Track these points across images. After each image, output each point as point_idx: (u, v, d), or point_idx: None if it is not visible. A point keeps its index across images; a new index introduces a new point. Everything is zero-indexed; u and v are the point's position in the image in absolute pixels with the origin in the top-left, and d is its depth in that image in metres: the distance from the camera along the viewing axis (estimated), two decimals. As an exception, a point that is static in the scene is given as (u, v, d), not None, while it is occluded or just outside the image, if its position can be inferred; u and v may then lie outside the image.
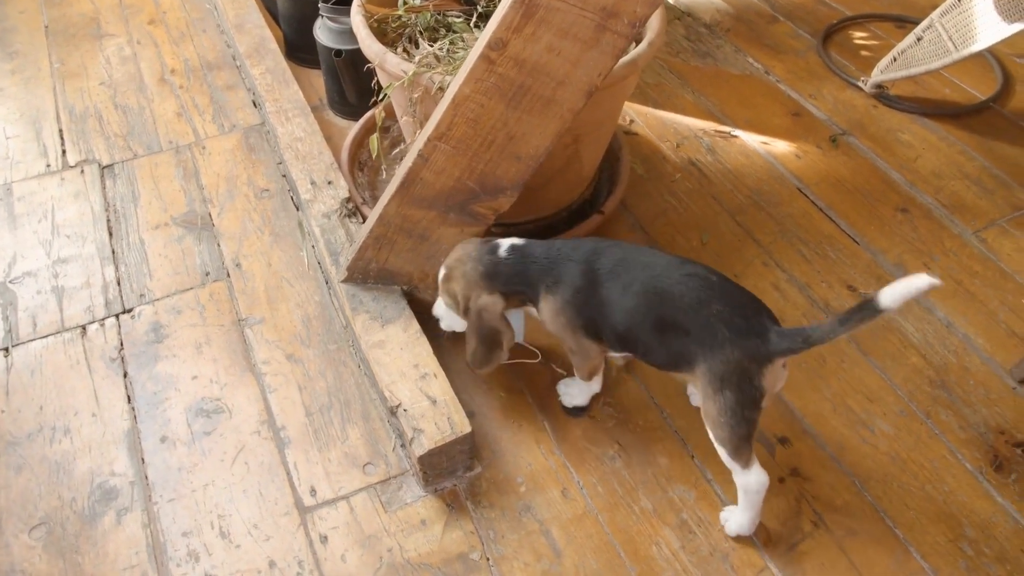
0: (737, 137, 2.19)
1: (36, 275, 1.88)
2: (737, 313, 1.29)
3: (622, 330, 1.38)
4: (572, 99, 1.40)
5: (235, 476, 1.54)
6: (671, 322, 1.32)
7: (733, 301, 1.30)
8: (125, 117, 2.27)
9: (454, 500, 1.51)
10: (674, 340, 1.33)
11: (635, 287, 1.35)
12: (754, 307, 1.31)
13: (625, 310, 1.36)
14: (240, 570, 1.42)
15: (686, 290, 1.31)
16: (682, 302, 1.31)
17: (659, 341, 1.35)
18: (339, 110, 2.25)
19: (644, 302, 1.34)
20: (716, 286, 1.32)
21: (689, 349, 1.31)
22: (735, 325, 1.28)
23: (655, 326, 1.34)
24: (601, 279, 1.38)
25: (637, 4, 1.25)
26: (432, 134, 1.45)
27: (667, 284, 1.33)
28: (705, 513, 1.49)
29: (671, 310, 1.32)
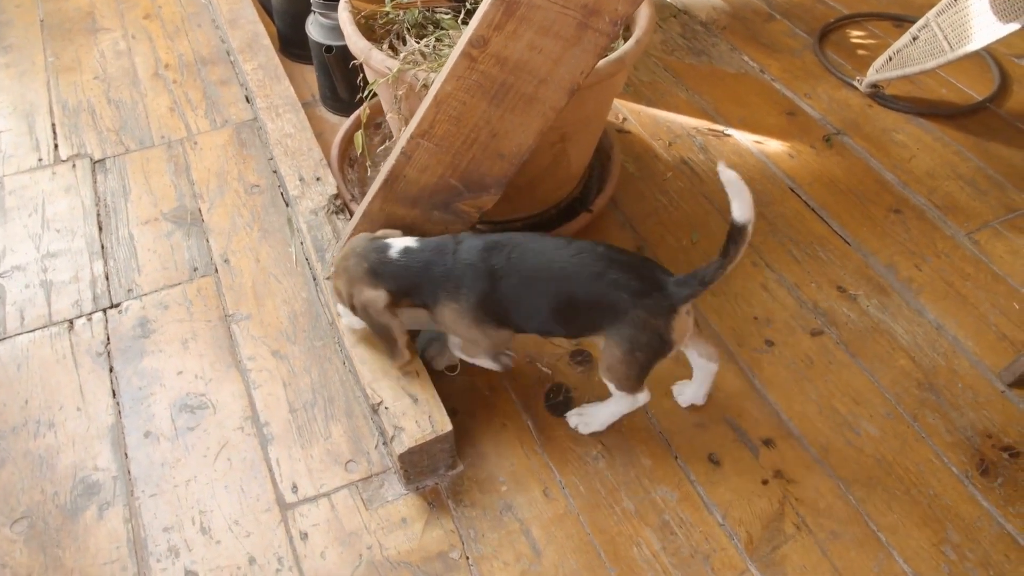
0: (730, 136, 2.18)
1: (25, 269, 1.89)
2: (633, 276, 1.36)
3: (528, 318, 1.43)
4: (555, 97, 1.39)
5: (217, 472, 1.54)
6: (574, 300, 1.39)
7: (625, 266, 1.37)
8: (118, 112, 2.28)
9: (435, 498, 1.51)
10: (580, 315, 1.41)
11: (534, 276, 1.40)
12: (646, 266, 1.40)
13: (530, 300, 1.41)
14: (220, 566, 1.42)
15: (580, 267, 1.38)
16: (580, 279, 1.38)
17: (566, 319, 1.42)
18: (331, 106, 2.24)
19: (545, 288, 1.40)
20: (606, 256, 1.38)
21: (595, 320, 1.40)
22: (633, 287, 1.35)
23: (560, 307, 1.41)
24: (501, 276, 1.40)
25: (619, 2, 1.24)
26: (415, 131, 1.44)
27: (562, 266, 1.38)
28: (687, 514, 1.48)
29: (571, 289, 1.39)
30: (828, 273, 1.85)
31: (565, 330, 1.46)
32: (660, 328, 1.37)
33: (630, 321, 1.36)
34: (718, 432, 1.59)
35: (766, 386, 1.66)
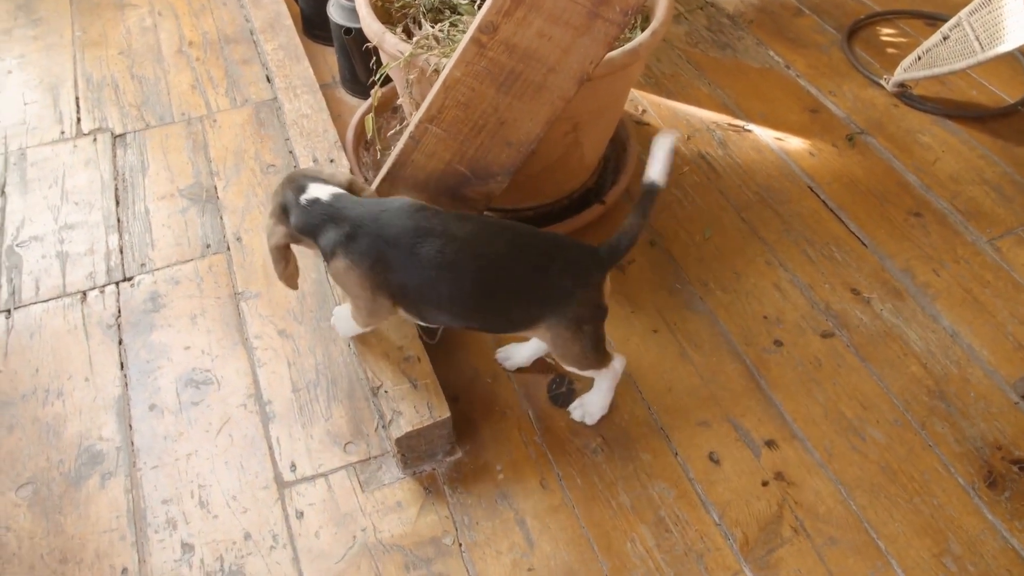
0: (751, 132, 2.15)
1: (42, 240, 1.91)
2: (573, 261, 1.37)
3: (441, 310, 1.40)
4: (563, 86, 1.37)
5: (218, 447, 1.56)
6: (513, 294, 1.37)
7: (566, 252, 1.37)
8: (141, 87, 2.30)
9: (432, 484, 1.51)
10: (516, 308, 1.38)
11: (467, 273, 1.35)
12: (578, 245, 1.39)
13: (459, 294, 1.37)
14: (216, 540, 1.44)
15: (527, 259, 1.36)
16: (525, 272, 1.36)
17: (498, 312, 1.40)
18: (351, 88, 2.24)
19: (478, 286, 1.36)
20: (549, 247, 1.37)
21: (535, 312, 1.38)
22: (575, 272, 1.36)
23: (495, 303, 1.39)
24: (423, 263, 1.34)
25: (627, -9, 1.22)
26: (423, 116, 1.44)
27: (506, 261, 1.36)
28: (683, 512, 1.47)
29: (515, 283, 1.36)
30: (843, 275, 1.82)
31: (495, 324, 1.45)
32: (597, 298, 1.39)
33: (575, 303, 1.37)
34: (720, 431, 1.57)
35: (772, 386, 1.64)
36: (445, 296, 1.36)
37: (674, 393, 1.63)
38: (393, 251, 1.34)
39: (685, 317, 1.75)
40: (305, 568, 1.40)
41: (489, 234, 1.37)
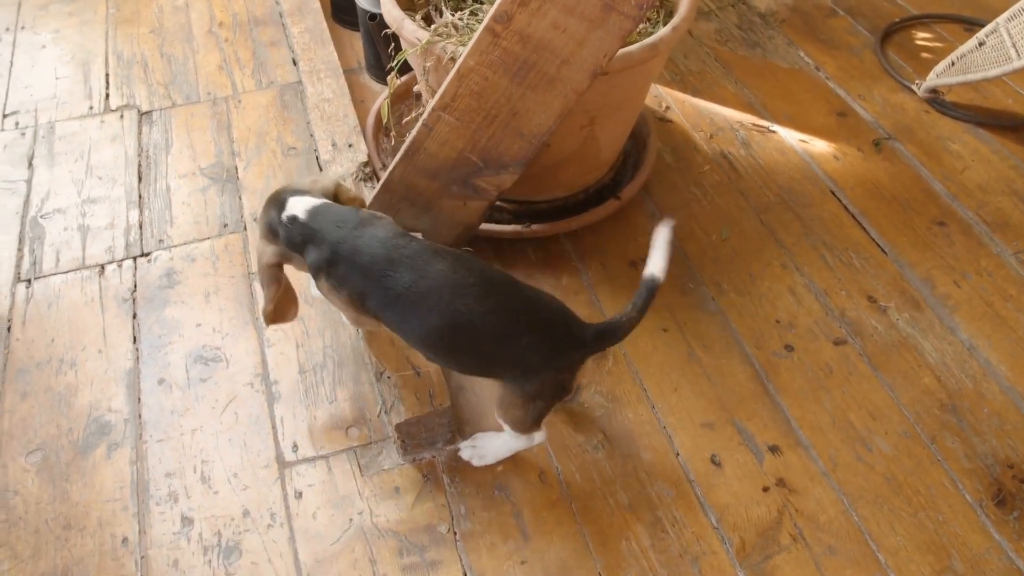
0: (775, 132, 2.11)
1: (65, 212, 1.95)
2: (547, 337, 1.28)
3: (420, 343, 1.34)
4: (577, 79, 1.36)
5: (223, 424, 1.58)
6: (475, 351, 1.30)
7: (542, 327, 1.28)
8: (169, 66, 2.32)
9: (431, 472, 1.51)
10: (476, 361, 1.33)
11: (434, 317, 1.27)
12: (562, 320, 1.30)
13: (424, 333, 1.30)
14: (215, 515, 1.46)
15: (493, 324, 1.26)
16: (487, 337, 1.27)
17: (458, 362, 1.35)
18: (375, 74, 2.25)
19: (447, 334, 1.29)
20: (522, 315, 1.27)
21: (495, 371, 1.33)
22: (546, 351, 1.28)
23: (453, 351, 1.32)
24: (393, 295, 1.29)
25: (643, -16, 1.21)
26: (437, 104, 1.44)
27: (471, 318, 1.26)
28: (681, 514, 1.45)
29: (474, 341, 1.28)
30: (860, 282, 1.79)
31: (460, 367, 1.39)
32: (566, 381, 1.33)
33: (536, 380, 1.30)
34: (724, 433, 1.56)
35: (780, 392, 1.61)
36: (415, 329, 1.31)
37: (680, 393, 1.62)
38: (367, 280, 1.30)
39: (696, 317, 1.73)
40: (301, 548, 1.42)
41: (462, 280, 1.27)
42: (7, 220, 1.93)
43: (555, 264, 1.83)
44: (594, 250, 1.86)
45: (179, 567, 1.40)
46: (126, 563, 1.41)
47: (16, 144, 2.11)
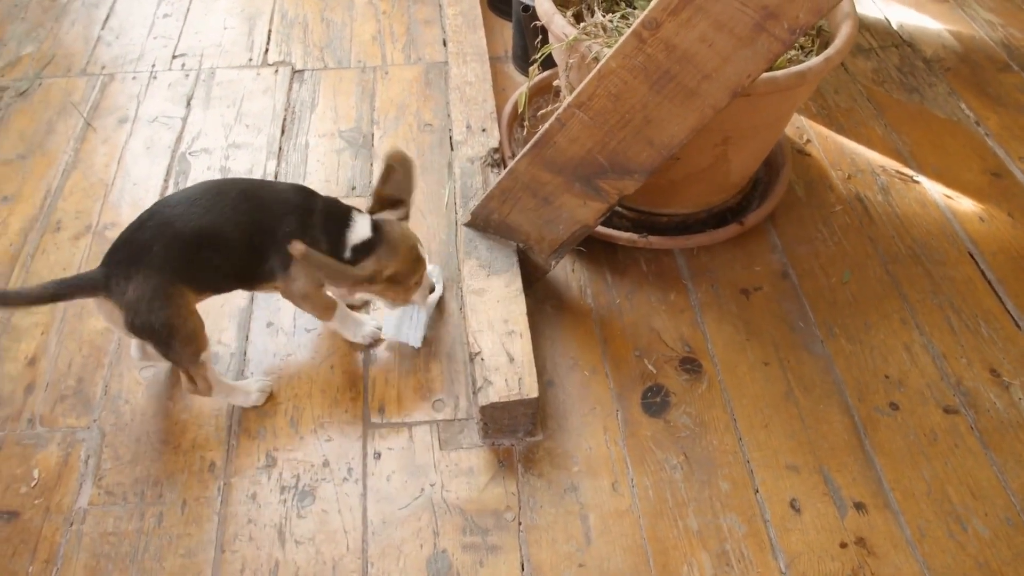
0: (919, 183, 2.01)
1: (211, 153, 2.07)
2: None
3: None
4: (716, 95, 1.34)
5: (319, 375, 1.64)
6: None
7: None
8: (327, 30, 2.43)
9: (507, 459, 1.53)
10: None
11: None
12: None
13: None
14: (297, 459, 1.52)
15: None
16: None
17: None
18: (520, 65, 2.28)
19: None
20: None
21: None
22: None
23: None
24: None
25: (801, 10, 1.18)
26: (573, 101, 1.44)
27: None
28: (750, 551, 1.42)
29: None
30: (984, 352, 1.69)
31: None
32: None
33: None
34: (809, 480, 1.50)
35: (876, 449, 1.54)
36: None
37: (770, 430, 1.57)
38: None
39: (801, 357, 1.68)
40: (370, 506, 1.46)
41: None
42: (160, 152, 2.07)
43: (665, 279, 1.81)
44: (706, 271, 1.83)
45: (256, 500, 1.47)
46: (210, 486, 1.49)
47: (179, 84, 2.26)
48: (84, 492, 1.48)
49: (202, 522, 1.45)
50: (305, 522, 1.45)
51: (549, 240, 1.66)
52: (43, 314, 1.74)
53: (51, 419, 1.58)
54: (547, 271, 1.73)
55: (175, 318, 1.38)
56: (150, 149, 2.08)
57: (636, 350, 1.69)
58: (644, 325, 1.73)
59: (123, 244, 1.37)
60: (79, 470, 1.51)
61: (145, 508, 1.46)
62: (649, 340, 1.71)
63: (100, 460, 1.52)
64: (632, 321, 1.74)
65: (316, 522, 1.44)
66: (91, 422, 1.58)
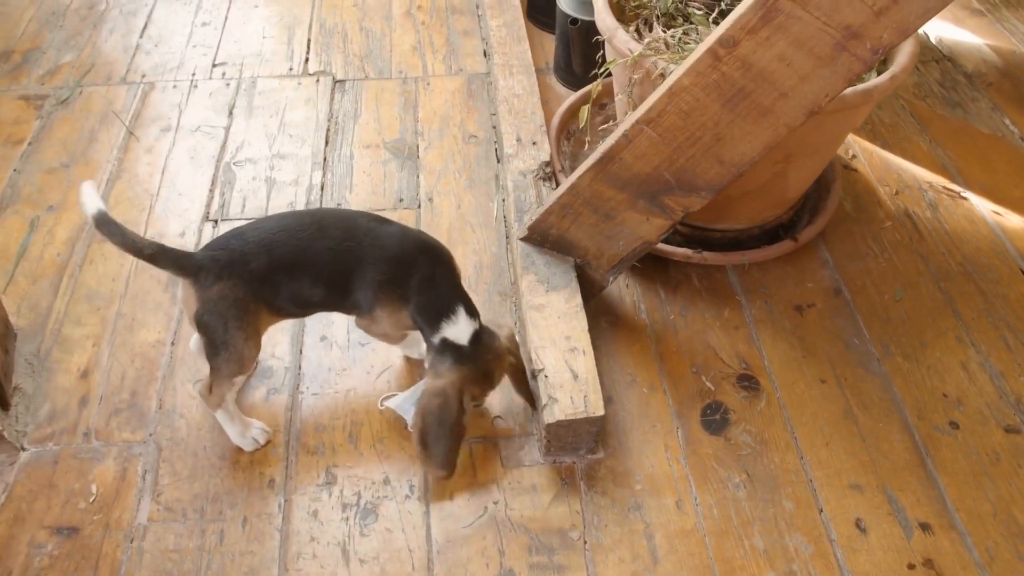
0: (966, 200, 2.01)
1: (256, 163, 2.06)
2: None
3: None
4: (791, 114, 1.34)
5: (375, 390, 1.63)
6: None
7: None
8: (366, 40, 2.42)
9: (569, 476, 1.52)
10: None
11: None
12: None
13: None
14: (358, 475, 1.51)
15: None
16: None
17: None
18: (562, 77, 2.28)
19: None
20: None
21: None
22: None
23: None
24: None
25: (885, 30, 1.17)
26: (641, 117, 1.44)
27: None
28: (817, 572, 1.41)
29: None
30: (1042, 370, 1.69)
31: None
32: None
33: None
34: (873, 500, 1.49)
35: (939, 469, 1.54)
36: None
37: (831, 449, 1.56)
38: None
39: (858, 375, 1.67)
40: (434, 524, 1.45)
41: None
42: (204, 161, 2.06)
43: (718, 295, 1.80)
44: (759, 287, 1.82)
45: (318, 517, 1.46)
46: (270, 503, 1.47)
47: (220, 93, 2.25)
48: (143, 508, 1.47)
49: (264, 539, 1.43)
50: (369, 540, 1.43)
51: (608, 256, 1.65)
52: (93, 326, 1.73)
53: (106, 433, 1.56)
54: (604, 287, 1.72)
55: (240, 333, 1.38)
56: (194, 159, 2.07)
57: (693, 367, 1.68)
58: (699, 341, 1.72)
59: (224, 247, 1.38)
60: (137, 485, 1.50)
61: (206, 525, 1.45)
62: (705, 357, 1.70)
63: (157, 475, 1.51)
64: (687, 337, 1.73)
65: (380, 540, 1.43)
66: (147, 436, 1.56)
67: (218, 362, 1.40)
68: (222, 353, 1.38)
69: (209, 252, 1.37)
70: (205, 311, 1.35)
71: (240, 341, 1.38)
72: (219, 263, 1.34)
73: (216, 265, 1.34)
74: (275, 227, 1.38)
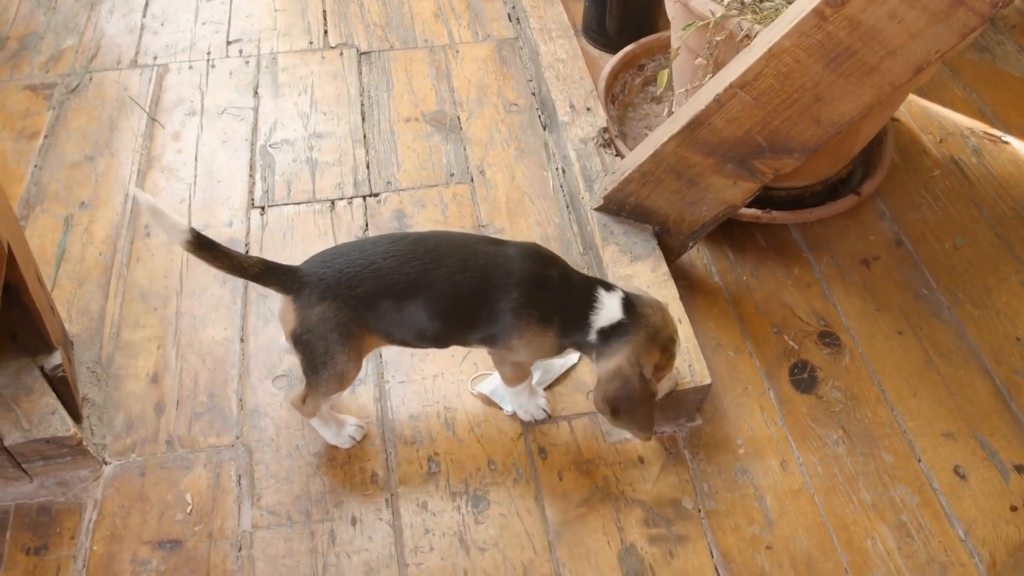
0: (1008, 144, 2.05)
1: (293, 144, 1.97)
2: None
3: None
4: (898, 72, 1.32)
5: (463, 374, 1.59)
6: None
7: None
8: (384, 8, 2.32)
9: (672, 446, 1.52)
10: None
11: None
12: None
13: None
14: (462, 461, 1.48)
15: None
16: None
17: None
18: (593, 39, 2.22)
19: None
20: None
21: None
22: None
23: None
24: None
25: (1024, -19, 1.16)
26: (736, 81, 1.41)
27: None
28: (926, 521, 1.44)
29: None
30: (1103, 308, 1.74)
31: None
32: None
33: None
34: (967, 446, 1.53)
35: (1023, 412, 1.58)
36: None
37: (919, 399, 1.59)
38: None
39: (932, 324, 1.70)
40: (548, 506, 1.43)
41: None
42: (238, 145, 1.96)
43: (785, 253, 1.81)
44: (823, 244, 1.83)
45: (428, 509, 1.43)
46: (377, 498, 1.44)
47: (241, 72, 2.14)
48: (244, 514, 1.42)
49: (377, 536, 1.40)
50: (484, 527, 1.41)
51: (689, 222, 1.63)
52: (153, 327, 1.65)
53: (190, 439, 1.50)
54: (682, 253, 1.71)
55: (340, 356, 1.30)
56: (226, 143, 1.97)
57: (773, 327, 1.69)
58: (775, 301, 1.73)
59: (329, 267, 1.28)
60: (233, 491, 1.44)
61: (314, 526, 1.41)
62: (783, 316, 1.71)
63: (253, 479, 1.46)
64: (763, 297, 1.73)
65: (496, 527, 1.41)
66: (234, 440, 1.50)
67: (316, 380, 1.34)
68: (321, 373, 1.31)
69: (313, 269, 1.28)
70: (304, 331, 1.27)
71: (341, 363, 1.31)
72: (323, 282, 1.25)
73: (320, 284, 1.25)
74: (385, 251, 1.27)
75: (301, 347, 1.31)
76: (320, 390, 1.36)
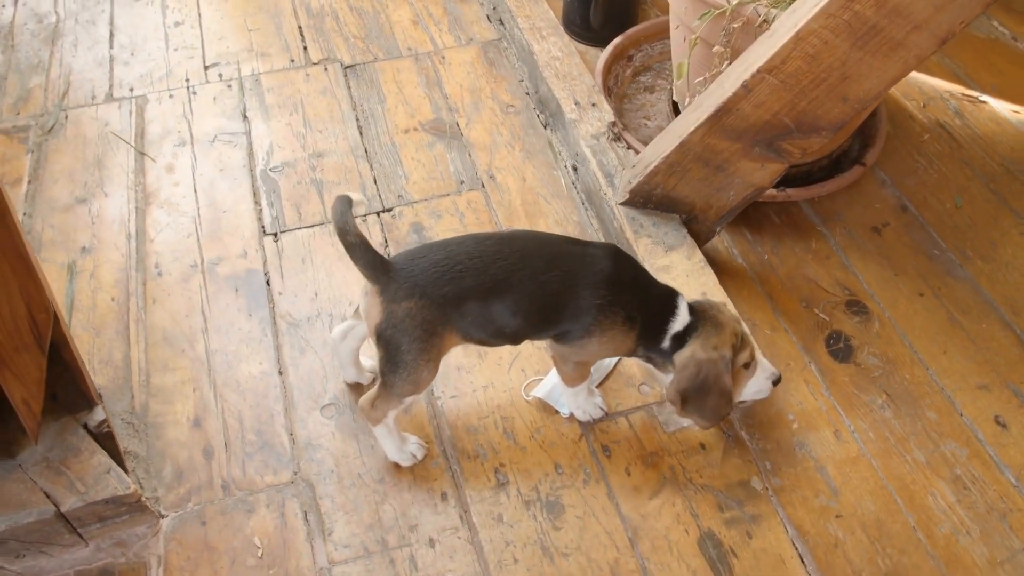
0: (986, 103, 2.14)
1: (295, 166, 1.92)
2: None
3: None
4: (924, 45, 1.37)
5: (513, 381, 1.58)
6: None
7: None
8: (361, 20, 2.28)
9: (729, 428, 1.54)
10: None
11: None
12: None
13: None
14: (527, 470, 1.47)
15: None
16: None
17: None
18: (576, 34, 2.23)
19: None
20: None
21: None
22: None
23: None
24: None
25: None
26: (763, 66, 1.43)
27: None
28: (979, 472, 1.50)
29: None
30: (1098, 251, 1.84)
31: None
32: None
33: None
34: (1002, 396, 1.60)
35: (1046, 356, 1.66)
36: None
37: (949, 356, 1.65)
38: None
39: (948, 283, 1.77)
40: (622, 503, 1.44)
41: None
42: (236, 172, 1.90)
43: (800, 229, 1.85)
44: (834, 216, 1.88)
45: (504, 521, 1.42)
46: (450, 516, 1.42)
47: (224, 96, 2.07)
48: (319, 551, 1.38)
49: (458, 555, 1.38)
50: (563, 533, 1.41)
51: (717, 207, 1.65)
52: (185, 369, 1.58)
53: (247, 481, 1.45)
54: (709, 239, 1.73)
55: (422, 356, 1.29)
56: (224, 171, 1.90)
57: (802, 301, 1.73)
58: (799, 276, 1.77)
59: (416, 264, 1.27)
60: (302, 529, 1.40)
61: (392, 554, 1.38)
62: (810, 289, 1.75)
63: (320, 514, 1.42)
64: (787, 274, 1.77)
65: (575, 530, 1.41)
66: (292, 476, 1.46)
67: (393, 379, 1.32)
68: (400, 371, 1.30)
69: (402, 265, 1.27)
70: (389, 325, 1.26)
71: (421, 363, 1.29)
72: (412, 278, 1.25)
73: (409, 280, 1.24)
74: (471, 251, 1.27)
75: (384, 343, 1.29)
76: (395, 391, 1.34)
